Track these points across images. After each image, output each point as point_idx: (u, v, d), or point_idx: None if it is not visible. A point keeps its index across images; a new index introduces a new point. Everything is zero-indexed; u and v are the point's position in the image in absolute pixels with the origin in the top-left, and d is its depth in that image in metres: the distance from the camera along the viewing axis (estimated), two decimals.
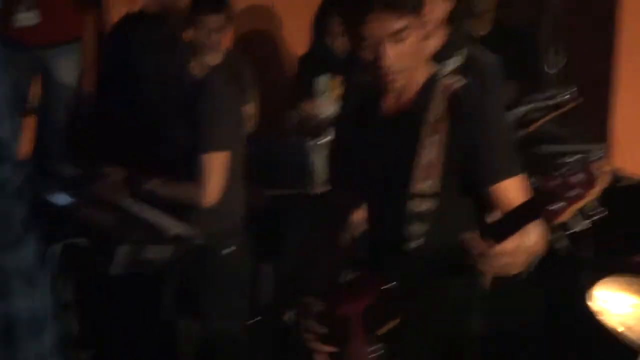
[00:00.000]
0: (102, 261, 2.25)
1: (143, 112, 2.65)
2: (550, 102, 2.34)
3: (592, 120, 3.04)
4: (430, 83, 1.54)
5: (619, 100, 3.30)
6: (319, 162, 3.12)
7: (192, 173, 2.45)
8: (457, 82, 1.55)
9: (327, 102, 3.19)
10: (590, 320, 2.29)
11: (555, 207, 1.16)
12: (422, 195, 1.46)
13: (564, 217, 1.18)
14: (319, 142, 3.15)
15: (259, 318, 2.83)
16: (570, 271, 2.70)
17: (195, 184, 2.46)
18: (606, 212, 1.32)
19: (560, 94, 2.33)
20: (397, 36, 1.42)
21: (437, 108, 1.49)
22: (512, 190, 1.36)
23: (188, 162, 2.46)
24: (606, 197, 2.70)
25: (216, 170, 2.47)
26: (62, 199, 2.26)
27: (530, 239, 1.23)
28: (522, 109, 2.60)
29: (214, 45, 3.37)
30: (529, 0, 3.70)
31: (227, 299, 2.61)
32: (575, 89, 2.22)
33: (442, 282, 1.42)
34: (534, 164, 1.39)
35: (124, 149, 2.79)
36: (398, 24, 1.42)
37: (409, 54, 1.45)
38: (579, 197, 1.17)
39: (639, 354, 1.61)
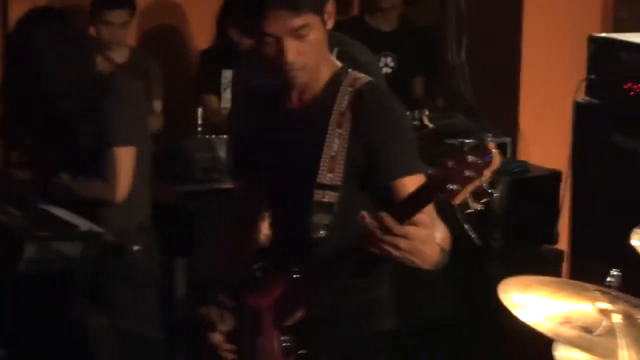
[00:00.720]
0: (10, 259, 2.22)
1: (49, 109, 2.59)
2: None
3: (500, 114, 3.07)
4: (336, 78, 1.54)
5: (524, 94, 3.37)
6: (225, 157, 3.14)
7: (99, 169, 2.44)
8: (362, 79, 1.56)
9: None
10: (503, 310, 2.46)
11: (451, 187, 1.19)
12: (325, 187, 1.47)
13: (460, 198, 1.21)
14: (224, 137, 3.18)
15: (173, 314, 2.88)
16: (482, 261, 2.76)
17: (102, 180, 2.46)
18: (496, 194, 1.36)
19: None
20: (297, 33, 1.41)
21: (341, 103, 1.51)
22: (412, 188, 1.33)
23: (95, 159, 2.45)
24: (515, 188, 2.70)
25: (122, 165, 2.45)
26: None
27: (437, 234, 1.35)
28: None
29: (119, 41, 3.44)
30: None
31: (137, 296, 2.59)
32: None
33: (346, 273, 1.45)
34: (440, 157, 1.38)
35: (32, 146, 2.79)
36: (298, 21, 1.40)
37: (310, 51, 1.44)
38: (472, 178, 1.19)
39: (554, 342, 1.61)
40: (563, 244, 2.85)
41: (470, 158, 1.19)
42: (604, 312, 1.40)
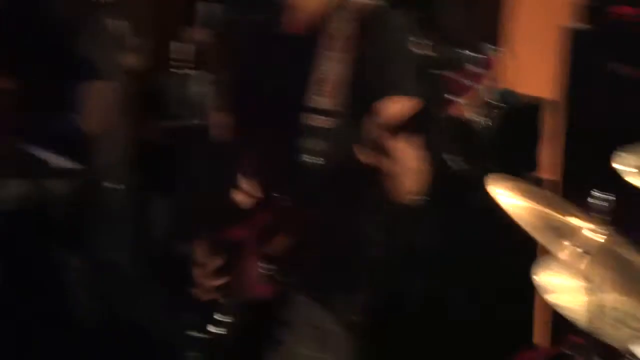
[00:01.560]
0: None
1: (35, 43, 2.53)
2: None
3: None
4: (342, 2, 1.49)
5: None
6: (206, 92, 3.03)
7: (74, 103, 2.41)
8: (370, 3, 1.52)
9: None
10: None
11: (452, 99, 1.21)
12: (320, 111, 1.43)
13: (462, 110, 1.26)
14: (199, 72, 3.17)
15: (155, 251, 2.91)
16: (466, 190, 2.77)
17: (77, 114, 2.44)
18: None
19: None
20: None
21: (347, 26, 1.46)
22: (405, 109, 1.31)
23: (69, 92, 2.40)
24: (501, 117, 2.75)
25: (94, 98, 2.41)
26: None
27: (419, 163, 1.33)
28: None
29: None
30: None
31: (118, 233, 2.63)
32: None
33: (338, 201, 1.43)
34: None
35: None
36: None
37: None
38: (472, 88, 1.24)
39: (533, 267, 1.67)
40: (556, 174, 2.78)
41: (467, 73, 1.20)
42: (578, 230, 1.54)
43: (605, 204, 1.44)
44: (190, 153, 2.85)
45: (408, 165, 1.28)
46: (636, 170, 1.73)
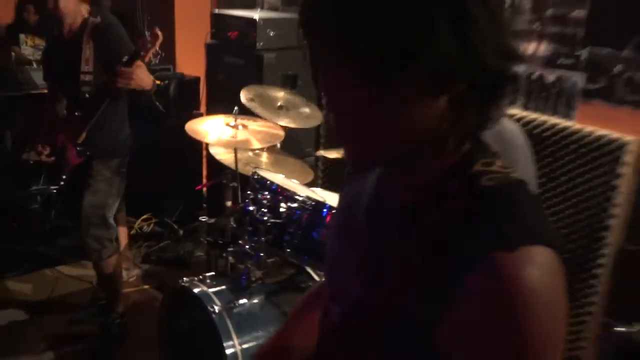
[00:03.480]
0: None
1: None
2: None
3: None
4: (86, 21, 3.05)
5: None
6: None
7: None
8: (96, 21, 3.05)
9: None
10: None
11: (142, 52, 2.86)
12: (86, 83, 3.05)
13: (147, 57, 2.95)
14: None
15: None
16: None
17: None
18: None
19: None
20: None
21: (87, 34, 3.02)
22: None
23: None
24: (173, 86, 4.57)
25: None
26: None
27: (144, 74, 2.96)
28: None
29: None
30: None
31: None
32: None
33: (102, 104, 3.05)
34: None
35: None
36: None
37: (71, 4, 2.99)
38: (150, 47, 2.87)
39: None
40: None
41: (148, 36, 2.84)
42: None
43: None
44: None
45: (143, 75, 2.93)
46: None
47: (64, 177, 3.19)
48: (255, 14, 3.94)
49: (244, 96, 3.09)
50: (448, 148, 0.88)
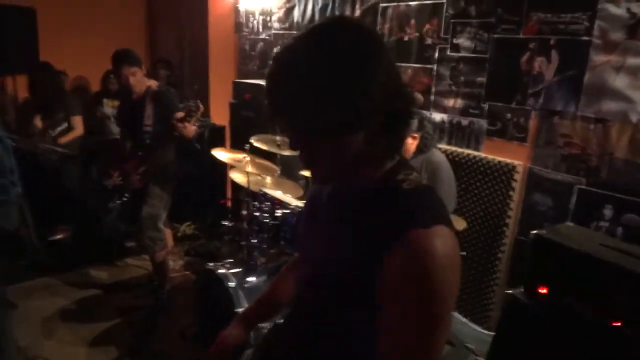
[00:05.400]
0: None
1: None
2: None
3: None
4: (148, 89, 3.13)
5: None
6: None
7: None
8: (157, 88, 3.15)
9: None
10: None
11: (189, 118, 2.87)
12: (147, 133, 3.10)
13: (192, 123, 2.90)
14: None
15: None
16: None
17: None
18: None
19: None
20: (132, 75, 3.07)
21: (149, 98, 3.10)
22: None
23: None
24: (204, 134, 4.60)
25: None
26: None
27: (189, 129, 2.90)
28: None
29: None
30: None
31: None
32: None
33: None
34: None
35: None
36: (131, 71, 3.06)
37: (137, 81, 3.10)
38: (194, 113, 2.86)
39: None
40: None
41: (194, 105, 2.82)
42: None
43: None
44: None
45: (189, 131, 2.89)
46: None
47: (126, 195, 3.26)
48: (263, 82, 3.93)
49: (254, 139, 3.18)
50: (372, 165, 0.91)
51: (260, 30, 4.63)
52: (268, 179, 3.12)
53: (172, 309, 3.37)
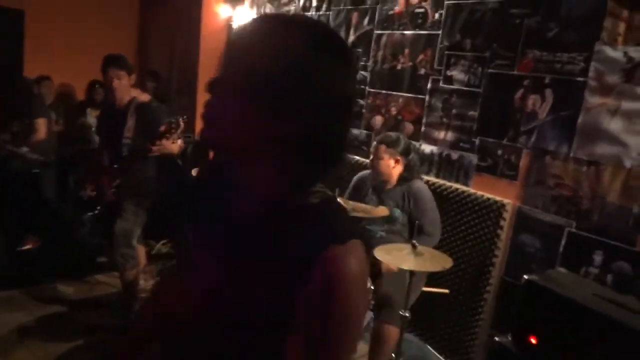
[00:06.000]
0: None
1: None
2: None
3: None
4: (133, 99, 2.99)
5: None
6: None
7: None
8: (141, 100, 3.00)
9: None
10: None
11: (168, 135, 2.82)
12: (125, 145, 2.97)
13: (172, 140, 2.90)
14: None
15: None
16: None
17: None
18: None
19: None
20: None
21: (132, 110, 2.97)
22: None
23: None
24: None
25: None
26: None
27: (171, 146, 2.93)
28: None
29: None
30: None
31: None
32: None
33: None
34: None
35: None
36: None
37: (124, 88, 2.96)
38: (174, 131, 2.82)
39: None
40: None
41: (174, 122, 2.78)
42: None
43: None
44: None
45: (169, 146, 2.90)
46: None
47: (98, 207, 3.15)
48: None
49: None
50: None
51: None
52: None
53: None
